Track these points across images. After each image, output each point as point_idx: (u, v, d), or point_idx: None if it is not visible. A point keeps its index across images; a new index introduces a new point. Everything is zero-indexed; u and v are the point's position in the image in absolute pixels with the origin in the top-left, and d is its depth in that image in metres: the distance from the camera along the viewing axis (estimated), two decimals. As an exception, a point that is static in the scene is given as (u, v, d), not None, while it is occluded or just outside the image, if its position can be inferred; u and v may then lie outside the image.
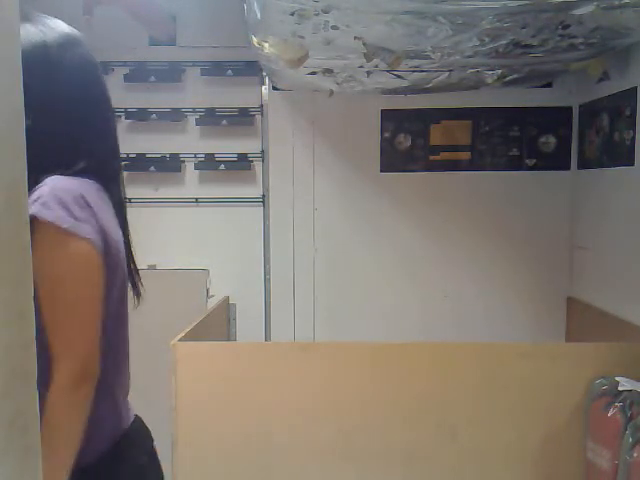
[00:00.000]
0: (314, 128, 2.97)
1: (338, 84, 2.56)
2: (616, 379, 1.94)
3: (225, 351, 2.18)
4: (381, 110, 2.93)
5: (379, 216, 2.98)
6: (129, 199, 1.26)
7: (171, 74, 2.98)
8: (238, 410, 2.10)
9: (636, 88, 2.28)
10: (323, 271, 3.01)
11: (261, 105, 3.00)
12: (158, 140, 3.01)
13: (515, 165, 2.95)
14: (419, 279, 2.99)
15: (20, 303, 0.52)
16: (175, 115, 2.99)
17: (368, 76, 2.40)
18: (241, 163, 3.01)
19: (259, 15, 1.69)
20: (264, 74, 2.84)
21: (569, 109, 2.89)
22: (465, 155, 2.95)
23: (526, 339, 2.87)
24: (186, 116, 3.00)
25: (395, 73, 2.36)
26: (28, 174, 0.53)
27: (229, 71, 2.95)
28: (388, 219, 2.98)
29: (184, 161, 3.02)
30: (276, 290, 3.03)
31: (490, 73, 2.37)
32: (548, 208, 2.94)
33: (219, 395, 2.10)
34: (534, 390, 2.06)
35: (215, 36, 2.93)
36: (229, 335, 3.04)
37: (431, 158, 2.96)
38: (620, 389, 1.90)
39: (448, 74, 2.37)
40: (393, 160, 2.97)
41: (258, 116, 3.01)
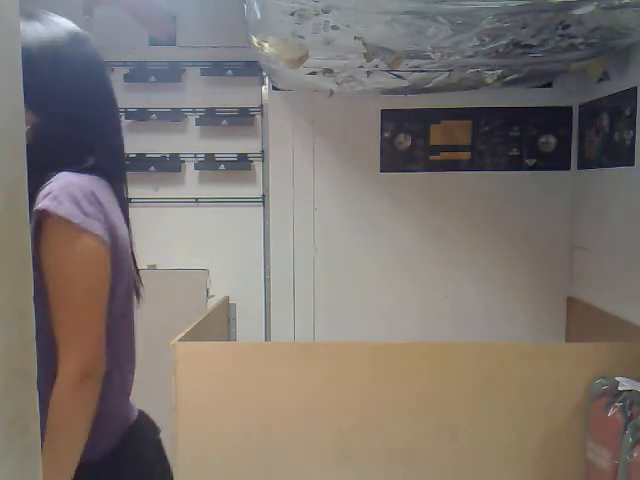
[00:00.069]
0: (314, 128, 2.97)
1: (338, 84, 2.56)
2: (616, 379, 1.94)
3: (225, 351, 2.18)
4: (381, 110, 2.93)
5: (379, 216, 2.98)
6: (129, 199, 1.26)
7: (171, 74, 2.98)
8: (238, 410, 2.10)
9: (636, 88, 2.28)
10: (323, 271, 3.01)
11: (261, 105, 3.00)
12: (158, 140, 3.01)
13: (515, 165, 2.95)
14: (419, 279, 2.99)
15: (20, 303, 0.52)
16: (175, 115, 2.99)
17: (368, 76, 2.40)
18: (241, 163, 3.01)
19: (259, 15, 1.69)
20: (264, 74, 2.84)
21: (569, 109, 2.89)
22: (465, 155, 2.95)
23: (526, 339, 2.87)
24: (186, 116, 3.00)
25: (395, 73, 2.36)
26: (37, 171, 0.53)
27: (229, 71, 2.95)
28: (388, 219, 2.98)
29: (184, 161, 3.02)
30: (276, 290, 3.03)
31: (490, 73, 2.37)
32: (548, 208, 2.94)
33: (219, 395, 2.10)
34: (534, 390, 2.06)
35: (215, 36, 2.93)
36: (229, 335, 3.04)
37: (431, 158, 2.96)
38: (620, 389, 1.90)
39: (448, 74, 2.37)
40: (393, 160, 2.97)
41: (258, 116, 3.01)
